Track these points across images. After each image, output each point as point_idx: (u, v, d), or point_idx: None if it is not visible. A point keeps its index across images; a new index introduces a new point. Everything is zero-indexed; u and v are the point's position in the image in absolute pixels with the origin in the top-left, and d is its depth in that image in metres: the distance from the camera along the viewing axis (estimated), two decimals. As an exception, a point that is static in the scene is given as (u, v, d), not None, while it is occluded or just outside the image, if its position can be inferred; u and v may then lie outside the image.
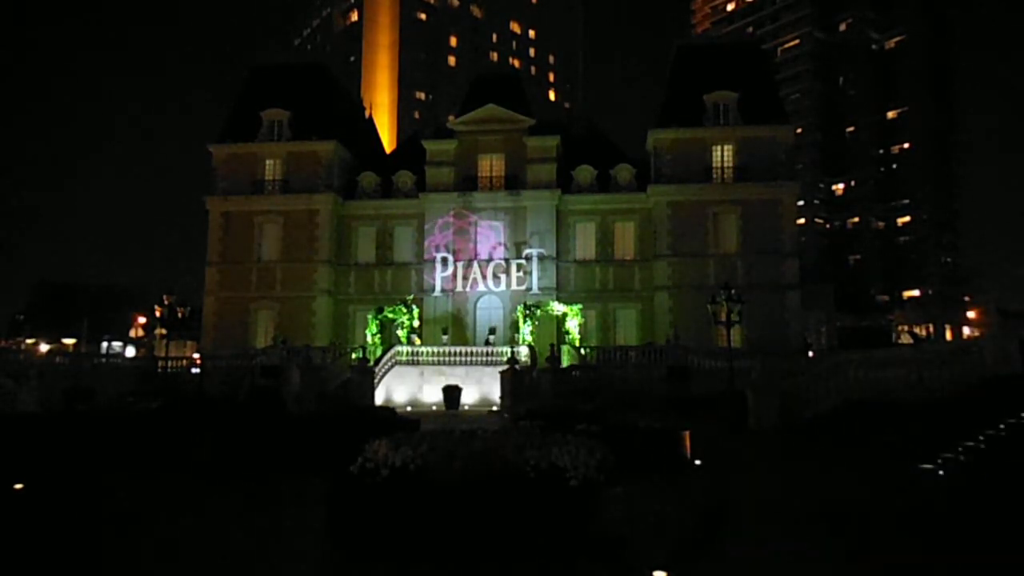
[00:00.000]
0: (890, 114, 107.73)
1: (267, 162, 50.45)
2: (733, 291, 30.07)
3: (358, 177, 51.05)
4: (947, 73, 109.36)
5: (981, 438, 16.47)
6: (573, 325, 43.28)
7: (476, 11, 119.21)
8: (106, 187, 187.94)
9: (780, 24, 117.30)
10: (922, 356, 23.04)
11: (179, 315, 35.36)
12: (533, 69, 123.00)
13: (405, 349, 41.64)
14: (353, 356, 40.13)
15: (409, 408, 35.50)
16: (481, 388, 39.06)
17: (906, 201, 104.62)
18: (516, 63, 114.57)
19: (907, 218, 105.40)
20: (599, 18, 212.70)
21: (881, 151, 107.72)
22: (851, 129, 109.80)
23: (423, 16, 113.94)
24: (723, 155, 47.27)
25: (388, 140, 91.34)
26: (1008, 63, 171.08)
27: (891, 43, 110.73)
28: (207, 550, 9.89)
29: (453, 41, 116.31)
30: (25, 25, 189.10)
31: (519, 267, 47.61)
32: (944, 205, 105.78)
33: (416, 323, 45.17)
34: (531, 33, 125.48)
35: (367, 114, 65.08)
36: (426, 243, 48.91)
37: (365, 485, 9.18)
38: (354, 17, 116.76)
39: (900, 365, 23.37)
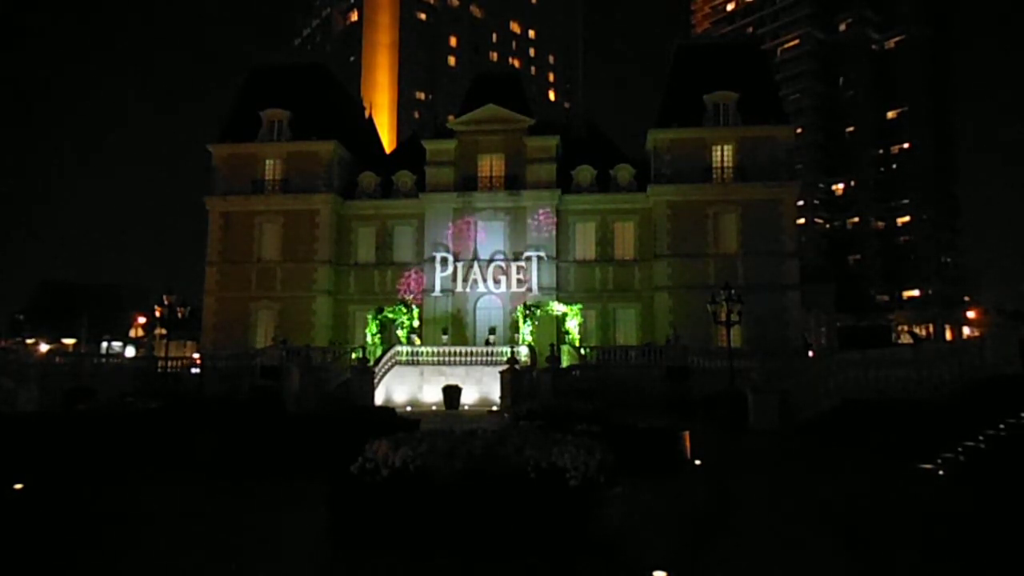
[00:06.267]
0: (890, 114, 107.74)
1: (267, 162, 50.42)
2: (733, 291, 30.07)
3: (358, 177, 51.02)
4: (947, 73, 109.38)
5: (981, 438, 16.47)
6: (573, 325, 43.26)
7: (476, 11, 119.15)
8: (106, 187, 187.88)
9: (780, 24, 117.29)
10: (922, 356, 23.03)
11: (179, 315, 35.29)
12: (533, 69, 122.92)
13: (405, 349, 41.62)
14: (353, 356, 40.11)
15: (409, 408, 35.47)
16: (481, 388, 39.04)
17: (906, 201, 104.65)
18: (516, 63, 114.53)
19: (907, 218, 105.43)
20: (599, 18, 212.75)
21: (881, 151, 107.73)
22: (851, 129, 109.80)
23: (423, 16, 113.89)
24: (723, 155, 47.25)
25: (388, 140, 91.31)
26: (1008, 63, 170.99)
27: (891, 43, 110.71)
28: (208, 549, 9.89)
29: (453, 41, 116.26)
30: (26, 25, 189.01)
31: (519, 268, 47.57)
32: (944, 205, 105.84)
33: (416, 323, 45.17)
34: (531, 33, 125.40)
35: (367, 114, 65.05)
36: (426, 243, 48.92)
37: (365, 485, 9.19)
38: (354, 17, 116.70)
39: (900, 365, 23.36)
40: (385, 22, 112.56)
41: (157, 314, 36.30)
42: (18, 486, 13.16)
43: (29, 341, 75.79)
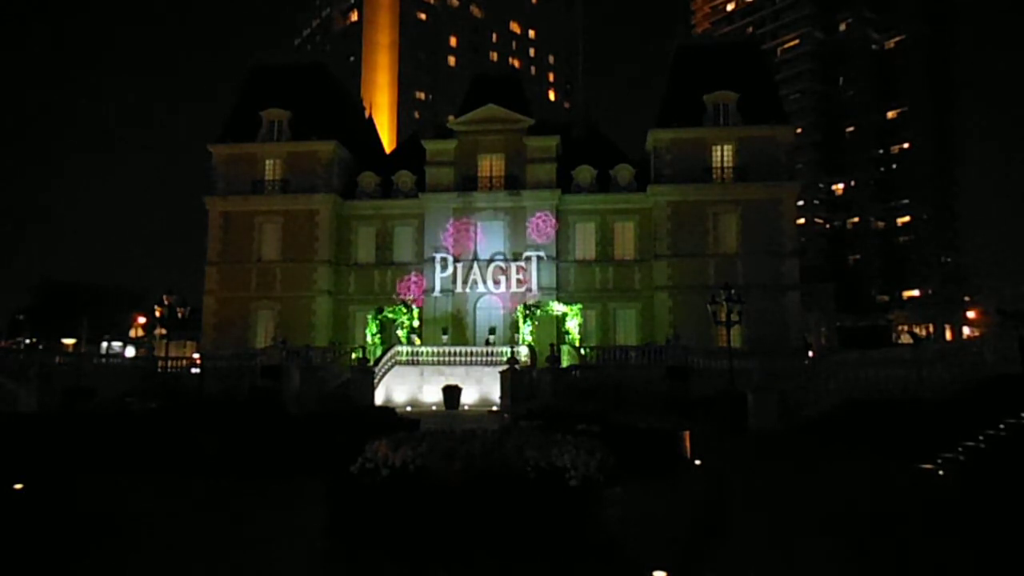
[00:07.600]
0: (890, 114, 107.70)
1: (267, 162, 50.41)
2: (733, 291, 30.05)
3: (358, 177, 51.01)
4: (947, 73, 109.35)
5: (981, 438, 16.48)
6: (573, 325, 43.25)
7: (476, 11, 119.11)
8: (107, 187, 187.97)
9: (780, 24, 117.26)
10: (922, 356, 23.03)
11: (179, 315, 35.22)
12: (533, 69, 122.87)
13: (405, 349, 41.62)
14: (353, 356, 40.13)
15: (409, 408, 35.47)
16: (481, 388, 39.04)
17: (906, 201, 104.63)
18: (516, 63, 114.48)
19: (907, 218, 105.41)
20: (599, 17, 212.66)
21: (881, 151, 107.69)
22: (851, 129, 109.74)
23: (423, 16, 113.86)
24: (723, 155, 47.25)
25: (388, 140, 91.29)
26: (1008, 62, 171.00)
27: (891, 43, 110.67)
28: (209, 549, 9.89)
29: (453, 41, 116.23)
30: (26, 24, 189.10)
31: (519, 268, 47.54)
32: (944, 205, 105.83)
33: (416, 323, 45.16)
34: (531, 33, 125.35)
35: (367, 114, 65.05)
36: (426, 243, 48.90)
37: (365, 485, 9.19)
38: (354, 17, 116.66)
39: (900, 365, 23.36)
40: (385, 22, 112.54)
41: (157, 314, 36.16)
42: (18, 486, 13.16)
43: (29, 341, 75.83)
